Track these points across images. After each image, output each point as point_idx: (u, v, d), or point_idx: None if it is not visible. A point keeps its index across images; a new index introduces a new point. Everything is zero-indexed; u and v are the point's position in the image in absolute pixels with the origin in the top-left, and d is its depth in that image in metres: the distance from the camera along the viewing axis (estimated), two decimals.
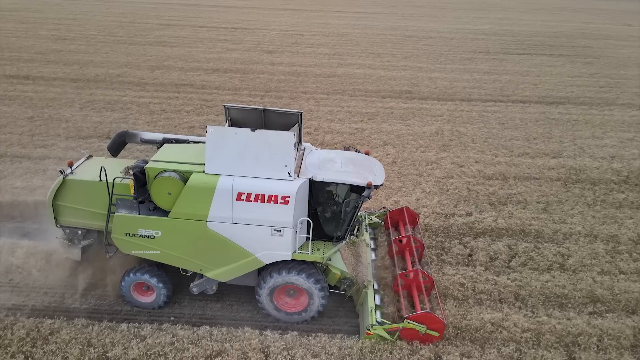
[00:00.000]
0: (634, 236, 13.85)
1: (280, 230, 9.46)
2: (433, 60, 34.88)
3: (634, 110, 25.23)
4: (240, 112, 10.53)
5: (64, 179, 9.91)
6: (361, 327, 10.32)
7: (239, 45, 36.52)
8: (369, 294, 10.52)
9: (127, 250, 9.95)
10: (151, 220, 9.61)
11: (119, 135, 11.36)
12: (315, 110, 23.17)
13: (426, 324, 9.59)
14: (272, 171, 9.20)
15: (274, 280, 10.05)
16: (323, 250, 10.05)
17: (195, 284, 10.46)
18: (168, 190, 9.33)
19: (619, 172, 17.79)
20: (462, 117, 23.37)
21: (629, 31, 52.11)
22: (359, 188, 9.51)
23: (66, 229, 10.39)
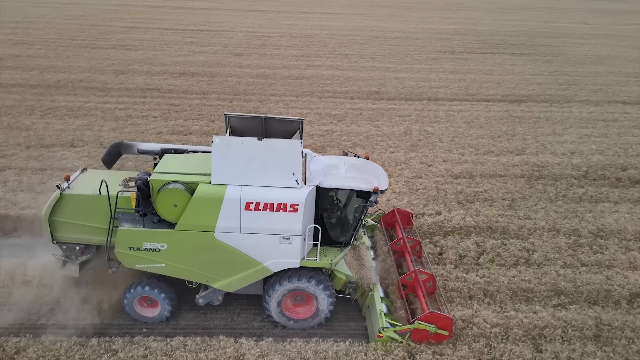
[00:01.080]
0: (593, 229, 14.44)
1: (289, 238, 9.48)
2: (400, 60, 35.39)
3: (591, 107, 26.27)
4: (241, 120, 10.50)
5: (61, 194, 9.58)
6: (369, 330, 10.43)
7: (205, 47, 36.12)
8: (375, 296, 10.62)
9: (130, 265, 9.76)
10: (157, 233, 9.44)
11: (114, 146, 11.05)
12: (285, 113, 23.14)
13: (435, 323, 9.77)
14: (280, 179, 9.17)
15: (283, 288, 10.06)
16: (330, 256, 10.12)
17: (201, 295, 10.37)
18: (174, 202, 9.17)
19: (579, 168, 18.50)
20: (430, 116, 23.81)
21: (585, 29, 54.15)
22: (365, 193, 9.59)
23: (63, 245, 10.10)
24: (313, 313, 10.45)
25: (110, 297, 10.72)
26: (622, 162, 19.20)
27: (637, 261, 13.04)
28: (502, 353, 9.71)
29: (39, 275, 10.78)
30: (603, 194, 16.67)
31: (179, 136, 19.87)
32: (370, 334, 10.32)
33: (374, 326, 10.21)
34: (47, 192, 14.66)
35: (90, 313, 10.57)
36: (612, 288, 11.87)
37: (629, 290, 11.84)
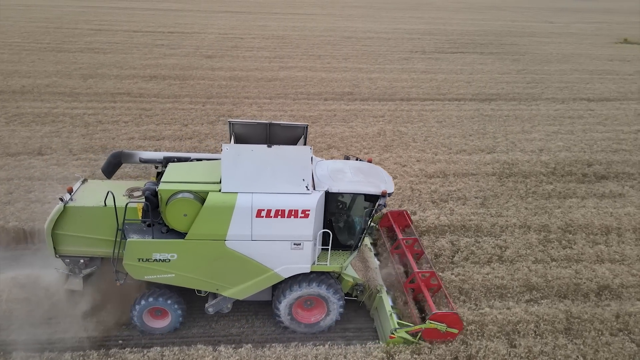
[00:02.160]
0: (562, 225, 14.90)
1: (300, 243, 9.50)
2: (372, 60, 35.69)
3: (558, 105, 27.06)
4: (244, 127, 10.42)
5: (65, 207, 9.36)
6: (379, 331, 10.57)
7: (176, 50, 35.65)
8: (383, 298, 10.70)
9: (138, 276, 9.59)
10: (167, 244, 9.30)
11: (114, 156, 10.83)
12: (259, 116, 23.06)
13: (446, 321, 9.92)
14: (290, 186, 9.15)
15: (294, 294, 10.10)
16: (340, 260, 10.20)
17: (210, 304, 10.31)
18: (184, 212, 9.04)
19: (547, 164, 19.05)
20: (403, 116, 24.10)
21: (550, 28, 55.69)
22: (373, 197, 9.66)
23: (66, 258, 9.90)
24: (323, 317, 10.53)
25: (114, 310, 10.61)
26: (588, 158, 19.84)
27: (604, 255, 13.51)
28: (478, 350, 9.92)
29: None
30: (570, 190, 17.20)
31: (152, 141, 19.56)
32: (381, 334, 10.45)
33: (384, 327, 10.33)
34: (14, 202, 14.29)
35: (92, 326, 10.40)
36: (581, 282, 12.27)
37: (597, 283, 12.26)
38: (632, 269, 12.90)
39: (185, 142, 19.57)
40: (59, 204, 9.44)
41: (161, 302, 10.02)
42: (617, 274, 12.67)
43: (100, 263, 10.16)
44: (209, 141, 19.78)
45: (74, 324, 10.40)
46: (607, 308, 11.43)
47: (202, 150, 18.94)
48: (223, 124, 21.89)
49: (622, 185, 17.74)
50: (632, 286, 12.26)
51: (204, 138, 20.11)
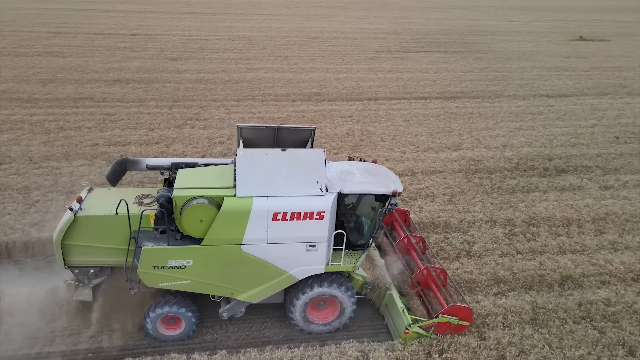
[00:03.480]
0: (526, 218, 15.42)
1: (315, 245, 9.61)
2: (339, 61, 35.90)
3: (519, 101, 27.92)
4: (252, 131, 10.41)
5: (75, 216, 9.18)
6: (391, 328, 10.77)
7: (140, 52, 34.91)
8: (393, 295, 10.85)
9: (153, 284, 9.51)
10: (183, 250, 9.25)
11: (119, 163, 10.70)
12: (227, 119, 22.88)
13: (457, 315, 10.18)
14: (305, 188, 9.23)
15: (307, 295, 10.20)
16: (352, 260, 10.35)
17: (225, 308, 10.35)
18: (200, 218, 8.99)
19: (510, 160, 19.65)
20: (370, 116, 24.37)
21: (510, 27, 57.32)
22: (383, 197, 9.82)
23: (75, 269, 9.78)
24: (337, 316, 10.67)
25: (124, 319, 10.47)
26: (549, 152, 20.58)
27: (566, 246, 14.07)
28: (450, 344, 10.17)
29: None
30: (533, 184, 17.80)
31: (117, 147, 19.12)
32: (393, 331, 10.66)
33: (396, 324, 10.53)
34: None
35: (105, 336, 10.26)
36: (545, 273, 12.75)
37: (560, 273, 12.76)
38: (592, 259, 13.48)
39: (152, 147, 19.23)
40: (68, 214, 9.25)
41: (175, 309, 9.98)
42: (578, 264, 13.22)
43: (110, 272, 10.05)
44: (176, 145, 19.50)
45: (85, 336, 10.28)
46: (570, 297, 11.92)
47: (169, 154, 18.66)
48: (190, 127, 21.62)
49: (580, 178, 18.48)
50: (592, 275, 12.81)
51: (171, 142, 19.81)
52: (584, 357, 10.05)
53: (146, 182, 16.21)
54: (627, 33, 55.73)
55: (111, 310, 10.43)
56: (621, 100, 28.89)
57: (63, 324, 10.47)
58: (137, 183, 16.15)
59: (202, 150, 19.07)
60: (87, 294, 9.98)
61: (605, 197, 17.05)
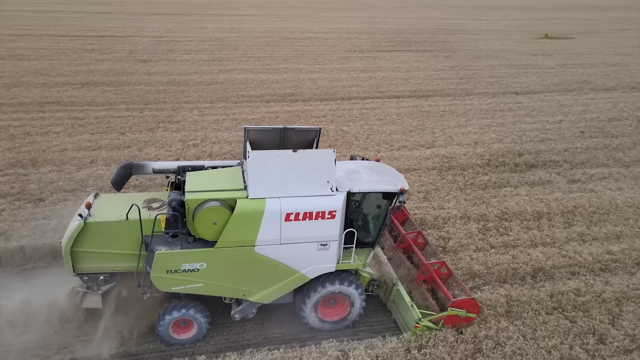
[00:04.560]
0: (498, 213, 15.76)
1: (327, 244, 9.73)
2: (312, 61, 35.94)
3: (489, 98, 28.52)
4: (258, 132, 10.40)
5: (85, 223, 9.05)
6: (400, 322, 10.99)
7: (109, 55, 34.17)
8: (401, 290, 11.02)
9: (166, 288, 9.47)
10: (197, 253, 9.24)
11: (124, 167, 10.53)
12: (200, 121, 22.62)
13: (465, 307, 10.50)
14: (316, 188, 9.33)
15: (319, 294, 10.32)
16: (361, 257, 10.52)
17: (237, 310, 10.38)
18: (214, 220, 9.01)
19: (482, 156, 20.06)
20: (345, 115, 24.48)
21: (478, 25, 58.48)
22: (391, 194, 9.95)
23: (84, 276, 9.64)
24: (346, 313, 10.82)
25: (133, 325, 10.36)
26: (519, 148, 21.09)
27: (537, 239, 14.45)
28: (428, 339, 10.31)
29: None
30: (504, 180, 18.21)
31: (87, 152, 18.67)
32: (402, 326, 10.89)
33: (406, 319, 10.74)
34: None
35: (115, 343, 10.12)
36: (518, 266, 13.07)
37: (532, 266, 13.10)
38: (562, 251, 13.89)
39: (124, 151, 18.85)
40: (78, 220, 9.09)
41: (188, 313, 9.96)
42: (549, 256, 13.60)
43: (120, 278, 9.94)
44: (149, 149, 19.17)
45: (96, 343, 10.12)
46: (542, 289, 12.25)
47: (142, 158, 18.33)
48: (163, 130, 21.28)
49: (549, 172, 19.01)
50: (562, 266, 13.20)
51: (143, 146, 19.46)
52: (556, 346, 10.35)
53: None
54: (590, 31, 57.62)
55: (121, 316, 10.35)
56: (586, 96, 29.84)
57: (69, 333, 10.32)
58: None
59: (175, 154, 18.80)
60: (96, 301, 9.85)
61: (573, 190, 17.59)
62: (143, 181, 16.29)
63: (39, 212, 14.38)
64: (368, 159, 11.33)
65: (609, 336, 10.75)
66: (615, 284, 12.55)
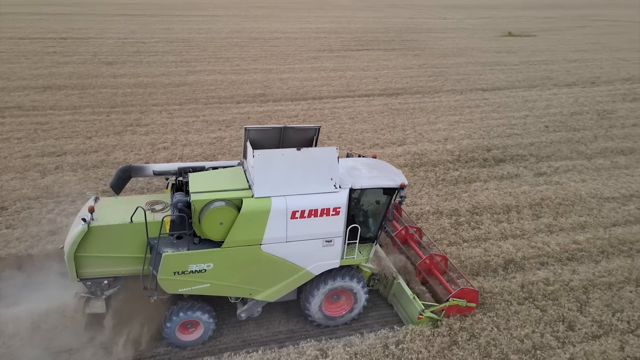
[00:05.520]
0: (470, 207, 16.09)
1: (331, 240, 9.86)
2: (282, 61, 35.84)
3: (457, 95, 29.08)
4: (258, 132, 10.37)
5: (88, 227, 8.89)
6: (402, 315, 11.17)
7: (72, 57, 33.21)
8: (402, 284, 11.23)
9: (172, 290, 9.40)
10: (204, 254, 9.20)
11: (123, 170, 10.42)
12: (170, 123, 22.23)
13: (465, 297, 10.80)
14: (320, 186, 9.45)
15: (323, 290, 10.39)
16: (364, 252, 10.59)
17: (243, 309, 10.41)
18: (220, 220, 9.00)
19: (452, 152, 20.43)
20: (316, 115, 24.51)
21: (445, 24, 59.55)
22: (391, 190, 10.14)
23: (87, 281, 9.45)
24: (350, 308, 10.91)
25: None
26: (487, 143, 21.58)
27: (507, 231, 14.82)
28: (405, 334, 10.43)
29: None
30: (474, 174, 18.60)
31: (52, 157, 18.09)
32: (405, 318, 11.07)
33: (408, 311, 10.94)
34: None
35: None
36: (489, 258, 13.36)
37: (503, 258, 13.43)
38: (531, 242, 14.28)
39: (91, 156, 18.35)
40: (81, 225, 8.89)
41: (194, 314, 9.90)
42: (519, 247, 13.96)
43: (123, 282, 9.77)
44: (117, 153, 18.72)
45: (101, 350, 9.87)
46: (514, 280, 12.56)
47: (110, 163, 17.89)
48: (131, 133, 20.82)
49: (517, 166, 19.52)
50: (532, 257, 13.57)
51: (111, 150, 18.99)
52: (529, 335, 10.63)
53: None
54: (551, 28, 59.49)
55: (125, 320, 10.15)
56: (549, 91, 30.79)
57: None
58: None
59: (145, 157, 18.42)
60: (100, 306, 9.69)
61: (540, 183, 18.12)
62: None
63: (2, 221, 13.86)
64: (365, 156, 11.50)
65: (578, 323, 11.12)
66: (582, 272, 12.99)
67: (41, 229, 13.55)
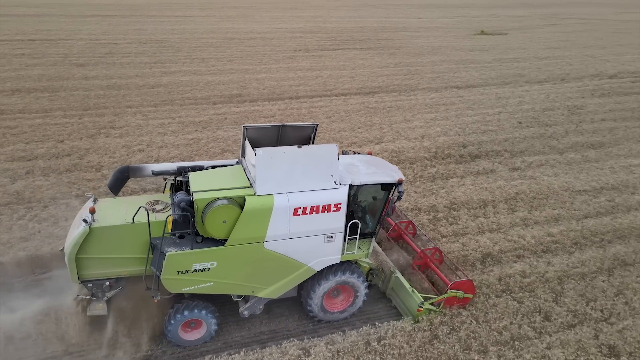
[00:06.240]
0: (447, 203, 16.31)
1: (333, 236, 9.97)
2: (258, 61, 35.66)
3: (433, 93, 29.44)
4: (257, 131, 10.39)
5: (90, 228, 8.81)
6: (401, 308, 11.39)
7: (41, 59, 32.36)
8: (400, 278, 11.43)
9: (176, 290, 9.39)
10: (208, 252, 9.22)
11: (121, 171, 10.33)
12: (145, 125, 21.87)
13: (462, 288, 11.09)
14: (321, 182, 9.55)
15: (324, 286, 10.52)
16: (363, 247, 10.72)
17: (245, 307, 10.46)
18: (224, 219, 9.04)
19: (429, 149, 20.67)
20: (293, 115, 24.47)
21: (419, 23, 60.20)
22: (389, 185, 10.25)
23: (88, 283, 9.37)
24: (350, 302, 11.06)
25: None
26: (462, 140, 21.91)
27: (484, 226, 15.07)
28: (387, 330, 10.52)
29: None
30: (451, 171, 18.86)
31: (22, 162, 17.59)
32: (404, 311, 11.29)
33: (407, 304, 11.15)
34: None
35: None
36: (467, 253, 13.57)
37: (481, 252, 13.65)
38: (507, 236, 14.56)
39: (64, 160, 17.92)
40: (83, 226, 8.79)
41: (197, 313, 9.89)
42: (496, 241, 14.22)
43: (125, 283, 9.69)
44: (91, 156, 18.32)
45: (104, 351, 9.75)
46: (491, 273, 12.78)
47: (83, 166, 17.49)
48: (105, 136, 20.41)
49: (492, 162, 19.88)
50: (508, 250, 13.84)
51: (84, 154, 18.57)
52: (507, 327, 10.84)
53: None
54: (522, 27, 60.76)
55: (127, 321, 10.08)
56: (521, 88, 31.45)
57: None
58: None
59: (120, 160, 18.08)
60: (101, 308, 9.60)
61: (514, 177, 18.50)
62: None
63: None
64: (360, 153, 11.61)
65: (554, 313, 11.39)
66: (556, 263, 13.32)
67: (12, 235, 13.17)
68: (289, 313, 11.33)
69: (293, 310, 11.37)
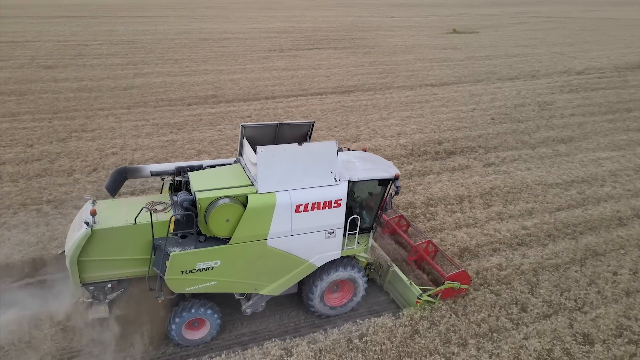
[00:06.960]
0: (425, 200, 16.49)
1: (333, 232, 10.09)
2: (232, 61, 35.39)
3: (407, 91, 29.74)
4: (254, 129, 10.49)
5: (92, 231, 8.69)
6: (399, 301, 11.64)
7: (7, 62, 31.39)
8: (397, 271, 11.62)
9: (180, 290, 9.37)
10: (212, 251, 9.23)
11: (118, 172, 10.20)
12: (118, 128, 21.44)
13: (458, 279, 11.38)
14: (321, 179, 9.64)
15: (325, 281, 10.64)
16: (362, 242, 10.88)
17: (248, 305, 10.52)
18: (227, 217, 9.04)
19: (405, 147, 20.88)
20: (269, 115, 24.36)
21: (392, 22, 60.73)
22: (386, 181, 10.47)
23: (90, 285, 9.26)
24: (351, 297, 11.21)
25: None
26: (438, 137, 22.20)
27: (461, 221, 15.31)
28: (368, 327, 10.58)
29: None
30: (427, 167, 19.09)
31: None
32: (402, 303, 11.54)
33: (406, 296, 11.40)
34: None
35: None
36: (445, 248, 13.76)
37: (458, 247, 13.85)
38: (483, 230, 14.82)
39: (33, 165, 17.41)
40: (84, 228, 8.66)
41: (201, 312, 9.93)
42: (472, 236, 14.46)
43: (127, 285, 9.63)
44: (62, 161, 17.85)
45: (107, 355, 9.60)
46: (469, 267, 12.98)
47: (54, 171, 17.03)
48: (77, 140, 19.92)
49: (467, 158, 20.21)
50: (485, 244, 14.09)
51: (55, 158, 18.09)
52: (485, 319, 11.04)
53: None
54: (493, 25, 61.96)
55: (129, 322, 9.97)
56: (493, 85, 32.06)
57: None
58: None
59: (93, 163, 17.67)
60: (103, 310, 9.50)
61: (489, 173, 18.84)
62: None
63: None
64: (355, 150, 11.65)
65: (530, 304, 11.65)
66: (531, 256, 13.62)
67: None
68: (270, 313, 11.28)
69: (274, 310, 11.33)
